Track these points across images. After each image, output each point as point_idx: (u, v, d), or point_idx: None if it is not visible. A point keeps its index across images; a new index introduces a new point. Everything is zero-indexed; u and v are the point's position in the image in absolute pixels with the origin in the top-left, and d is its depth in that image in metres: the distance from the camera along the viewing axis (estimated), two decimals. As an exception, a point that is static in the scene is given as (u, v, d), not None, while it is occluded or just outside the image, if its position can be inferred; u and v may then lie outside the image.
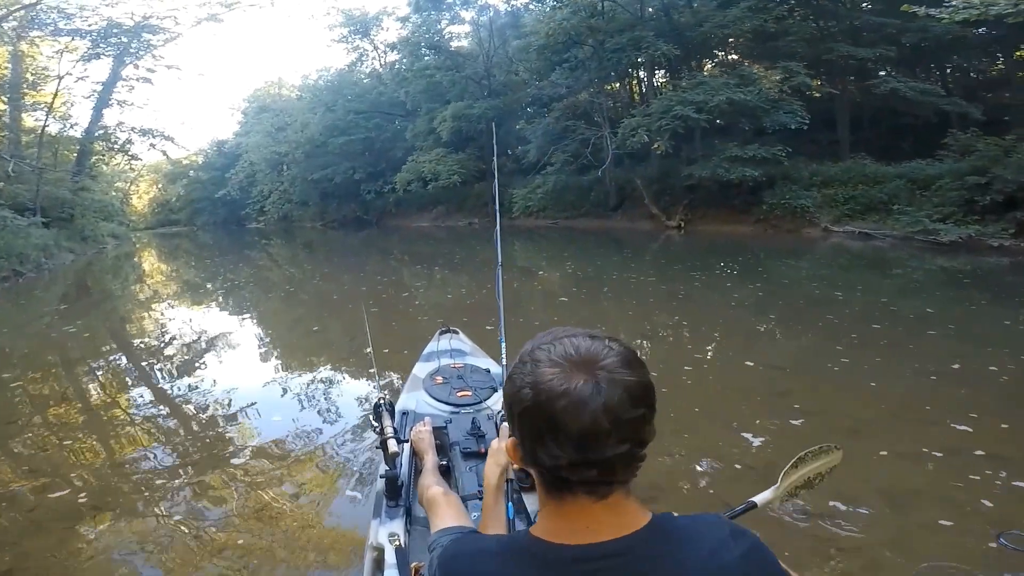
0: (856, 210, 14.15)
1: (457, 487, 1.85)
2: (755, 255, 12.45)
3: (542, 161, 19.28)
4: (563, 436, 0.71)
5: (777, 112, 14.28)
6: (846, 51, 15.03)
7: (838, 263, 11.28)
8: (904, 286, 8.75)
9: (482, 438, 2.03)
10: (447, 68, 23.42)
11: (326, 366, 5.72)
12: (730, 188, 15.65)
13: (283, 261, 19.55)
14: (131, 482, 3.36)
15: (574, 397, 0.70)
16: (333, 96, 29.78)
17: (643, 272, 11.13)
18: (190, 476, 3.38)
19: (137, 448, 3.94)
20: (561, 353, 0.74)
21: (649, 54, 15.40)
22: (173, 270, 19.36)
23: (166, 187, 51.13)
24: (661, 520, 0.79)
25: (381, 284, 11.56)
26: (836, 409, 3.86)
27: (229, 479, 3.32)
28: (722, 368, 4.88)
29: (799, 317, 6.64)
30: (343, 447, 3.63)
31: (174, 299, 12.21)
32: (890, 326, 5.92)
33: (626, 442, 0.72)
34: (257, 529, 2.76)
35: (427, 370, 2.79)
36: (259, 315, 9.58)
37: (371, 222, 30.91)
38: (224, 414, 4.45)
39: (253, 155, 36.29)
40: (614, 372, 0.72)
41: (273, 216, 36.72)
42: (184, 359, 6.41)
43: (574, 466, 0.73)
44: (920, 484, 2.85)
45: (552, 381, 0.72)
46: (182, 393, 5.13)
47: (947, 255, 10.73)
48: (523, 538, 0.80)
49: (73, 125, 24.33)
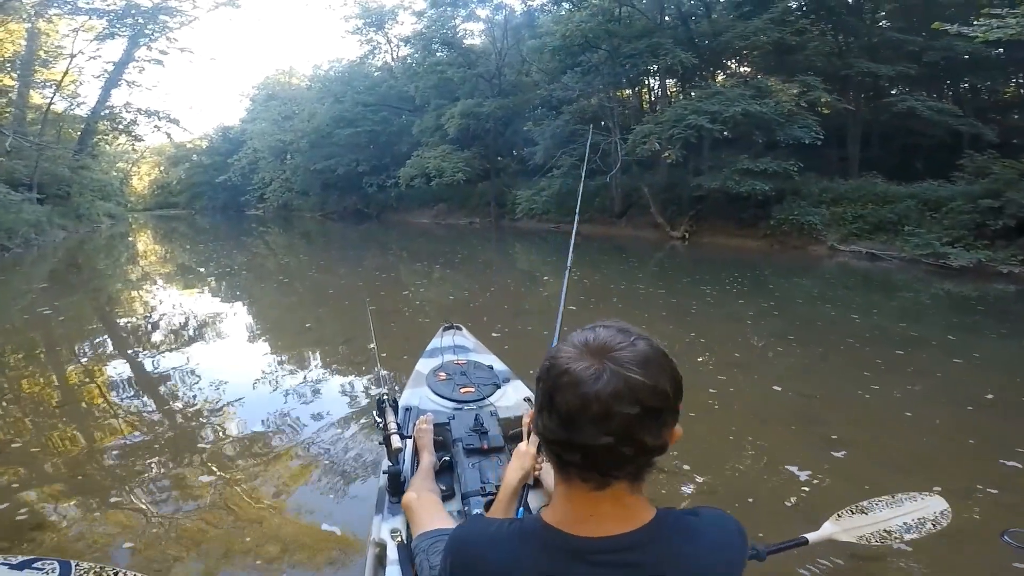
0: (864, 229, 13.87)
1: (460, 483, 1.85)
2: (762, 271, 12.16)
3: (548, 164, 18.94)
4: (554, 411, 0.74)
5: (791, 126, 14.01)
6: (865, 67, 14.76)
7: (847, 283, 11.00)
8: (918, 311, 8.49)
9: (485, 435, 2.03)
10: (459, 64, 23.07)
11: (317, 363, 5.55)
12: (738, 201, 15.37)
13: (279, 250, 19.25)
14: (107, 472, 3.26)
15: (573, 377, 0.73)
16: (343, 87, 29.44)
17: (651, 283, 10.83)
18: (168, 468, 3.30)
19: (116, 437, 3.79)
20: (583, 338, 0.77)
21: (666, 61, 15.10)
22: (166, 252, 19.13)
23: (168, 170, 51.47)
24: (666, 515, 0.80)
25: (379, 280, 11.26)
26: (878, 441, 3.63)
27: (207, 472, 3.24)
28: (749, 393, 4.58)
29: (819, 340, 6.35)
30: (332, 443, 3.57)
31: (162, 282, 11.91)
32: (913, 352, 5.70)
33: (611, 435, 0.71)
34: (231, 522, 2.71)
35: (430, 366, 2.79)
36: (249, 306, 9.33)
37: (371, 215, 30.64)
38: (208, 407, 4.29)
39: (257, 142, 36.11)
40: (623, 365, 0.72)
41: (273, 204, 36.61)
42: (168, 347, 6.18)
43: (559, 443, 0.75)
44: (979, 523, 2.60)
45: (561, 358, 0.75)
46: (162, 381, 4.97)
47: (953, 279, 10.48)
48: (534, 523, 0.81)
49: (80, 104, 24.24)
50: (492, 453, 1.97)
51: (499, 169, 25.09)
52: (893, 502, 1.70)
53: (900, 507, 1.69)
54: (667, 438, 0.76)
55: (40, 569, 1.20)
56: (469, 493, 1.76)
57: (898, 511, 1.68)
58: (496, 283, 11.32)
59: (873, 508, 1.69)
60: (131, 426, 3.96)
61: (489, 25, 24.24)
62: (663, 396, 0.73)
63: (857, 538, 1.65)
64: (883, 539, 1.66)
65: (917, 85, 16.28)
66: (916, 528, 1.70)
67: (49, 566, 1.21)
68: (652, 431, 0.73)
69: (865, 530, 1.65)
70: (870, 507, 1.70)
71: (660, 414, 0.73)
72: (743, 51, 16.37)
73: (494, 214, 23.96)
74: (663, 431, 0.74)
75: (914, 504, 1.70)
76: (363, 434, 3.67)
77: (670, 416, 0.75)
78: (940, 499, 1.75)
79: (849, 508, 1.72)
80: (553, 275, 12.16)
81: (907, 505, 1.71)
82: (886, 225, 13.55)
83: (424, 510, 1.50)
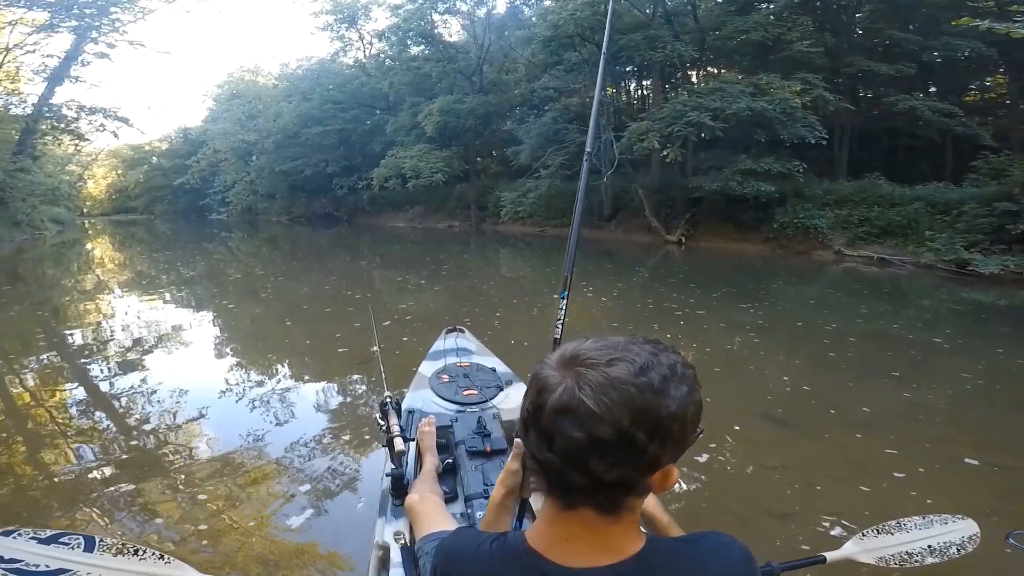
0: (871, 233, 13.24)
1: (462, 486, 1.83)
2: (772, 278, 11.43)
3: (535, 164, 17.92)
4: (521, 412, 0.72)
5: (795, 125, 13.28)
6: (867, 66, 14.22)
7: (865, 291, 10.21)
8: (955, 323, 7.72)
9: (487, 437, 2.02)
10: (437, 59, 21.88)
11: (284, 376, 5.27)
12: (737, 203, 14.62)
13: (244, 257, 17.84)
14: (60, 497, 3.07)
15: (537, 381, 0.70)
16: (311, 84, 28.00)
17: (649, 293, 9.92)
18: (124, 487, 3.14)
19: (69, 463, 3.52)
20: (576, 345, 0.71)
21: (665, 54, 14.23)
22: (120, 260, 17.58)
23: (125, 173, 49.47)
24: (656, 546, 0.74)
25: (350, 298, 10.06)
26: (968, 492, 3.16)
27: (171, 490, 3.15)
28: (814, 422, 4.10)
29: (864, 360, 5.63)
30: (300, 458, 3.51)
31: (109, 294, 10.49)
32: (974, 377, 5.16)
33: (552, 453, 0.67)
34: (205, 545, 2.63)
35: (433, 368, 2.77)
36: (213, 319, 8.32)
37: (341, 219, 29.24)
38: (166, 426, 4.03)
39: (219, 143, 34.35)
40: (580, 383, 0.66)
41: (237, 208, 35.00)
42: (123, 361, 5.72)
43: (535, 459, 0.71)
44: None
45: (545, 361, 0.72)
46: (118, 398, 4.66)
47: (972, 286, 9.90)
48: (516, 543, 0.77)
49: (20, 103, 22.31)
50: (495, 455, 1.96)
51: (480, 170, 23.99)
52: (923, 523, 1.65)
53: (928, 529, 1.64)
54: (640, 480, 0.68)
55: (67, 544, 1.25)
56: (472, 496, 1.75)
57: (926, 533, 1.64)
58: (485, 294, 10.26)
59: (901, 528, 1.65)
60: (91, 443, 3.78)
61: (470, 20, 23.11)
62: (616, 431, 0.64)
63: (877, 559, 1.60)
64: (903, 562, 1.61)
65: (905, 85, 15.84)
66: (940, 552, 1.63)
67: (75, 541, 1.26)
68: (605, 465, 0.66)
69: (887, 551, 1.61)
70: (898, 527, 1.64)
71: (613, 450, 0.65)
72: (745, 48, 15.56)
73: (474, 217, 22.84)
74: (625, 469, 0.66)
75: (944, 527, 1.65)
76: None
77: (633, 456, 0.65)
78: (972, 523, 1.68)
79: (874, 528, 1.65)
80: (542, 284, 11.15)
81: (936, 527, 1.65)
82: (894, 229, 13.00)
83: (427, 512, 1.46)
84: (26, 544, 1.21)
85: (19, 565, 1.18)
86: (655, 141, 13.21)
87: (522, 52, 20.10)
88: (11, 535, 1.21)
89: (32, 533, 1.23)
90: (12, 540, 1.21)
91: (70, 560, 1.22)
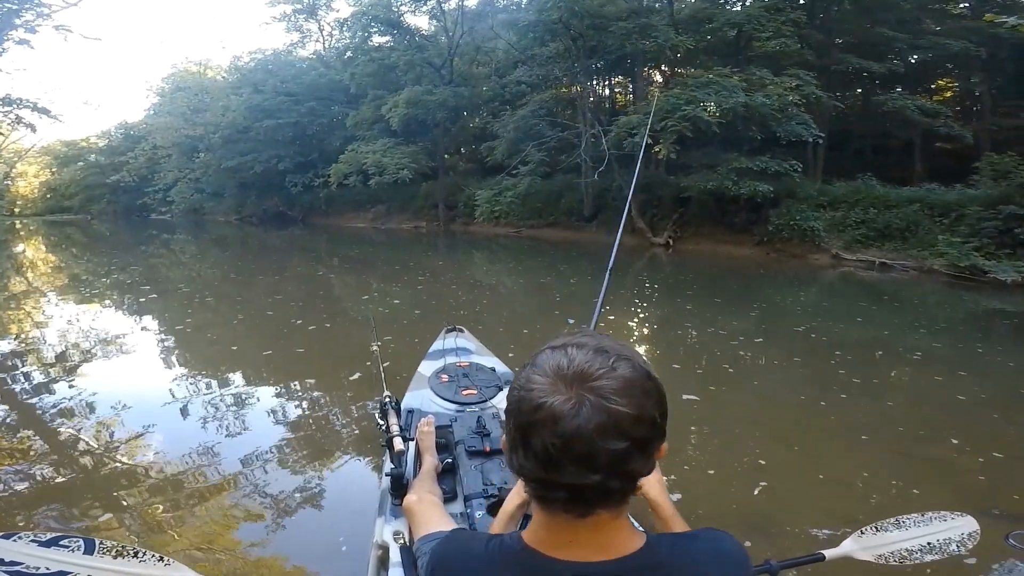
0: (869, 236, 12.66)
1: (462, 485, 1.80)
2: (767, 283, 10.85)
3: (511, 161, 16.77)
4: (530, 451, 0.67)
5: (790, 122, 12.60)
6: (858, 64, 13.72)
7: (870, 298, 9.55)
8: (985, 336, 7.10)
9: (487, 436, 1.99)
10: (404, 49, 20.44)
11: (227, 387, 5.02)
12: (727, 203, 13.86)
13: (190, 260, 16.13)
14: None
15: (549, 412, 0.65)
16: (264, 76, 26.02)
17: (638, 303, 9.10)
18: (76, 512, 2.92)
19: None
20: (556, 363, 0.68)
21: (659, 43, 13.33)
22: (49, 263, 15.60)
23: (59, 170, 46.05)
24: (658, 542, 0.75)
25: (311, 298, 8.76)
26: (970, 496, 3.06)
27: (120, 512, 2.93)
28: (846, 451, 3.75)
29: (888, 376, 5.30)
30: (253, 474, 3.31)
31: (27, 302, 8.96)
32: None
33: (598, 473, 0.65)
34: None
35: (433, 368, 2.75)
36: (155, 324, 7.32)
37: (296, 219, 27.37)
38: (112, 443, 3.79)
39: (159, 137, 31.79)
40: (604, 395, 0.65)
41: (181, 207, 32.51)
42: (52, 373, 5.39)
43: (540, 482, 0.69)
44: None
45: (535, 389, 0.67)
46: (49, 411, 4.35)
47: (979, 292, 9.42)
48: (514, 545, 0.76)
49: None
50: (494, 455, 1.91)
51: (449, 167, 22.64)
52: (922, 520, 1.59)
53: (928, 526, 1.57)
54: (655, 460, 0.70)
55: (66, 546, 1.24)
56: (471, 495, 1.71)
57: (925, 530, 1.57)
58: (465, 305, 9.13)
59: (900, 526, 1.58)
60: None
61: (439, 9, 21.77)
62: (650, 424, 0.67)
63: (876, 557, 1.55)
64: (902, 559, 1.55)
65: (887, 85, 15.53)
66: (939, 549, 1.56)
67: (75, 543, 1.26)
68: (641, 461, 0.67)
69: (885, 549, 1.55)
70: (897, 525, 1.58)
71: (649, 443, 0.67)
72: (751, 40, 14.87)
73: (443, 217, 21.51)
74: (652, 457, 0.69)
75: (943, 524, 1.59)
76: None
77: (659, 440, 0.69)
78: (971, 520, 1.61)
79: (873, 525, 1.59)
80: (527, 294, 10.04)
81: (935, 524, 1.58)
82: (893, 232, 12.44)
83: (426, 512, 1.36)
84: (27, 547, 1.22)
85: (20, 568, 1.18)
86: (648, 137, 12.28)
87: (504, 35, 18.71)
88: (12, 538, 1.23)
89: (32, 536, 1.25)
90: (13, 543, 1.22)
91: (70, 562, 1.23)
